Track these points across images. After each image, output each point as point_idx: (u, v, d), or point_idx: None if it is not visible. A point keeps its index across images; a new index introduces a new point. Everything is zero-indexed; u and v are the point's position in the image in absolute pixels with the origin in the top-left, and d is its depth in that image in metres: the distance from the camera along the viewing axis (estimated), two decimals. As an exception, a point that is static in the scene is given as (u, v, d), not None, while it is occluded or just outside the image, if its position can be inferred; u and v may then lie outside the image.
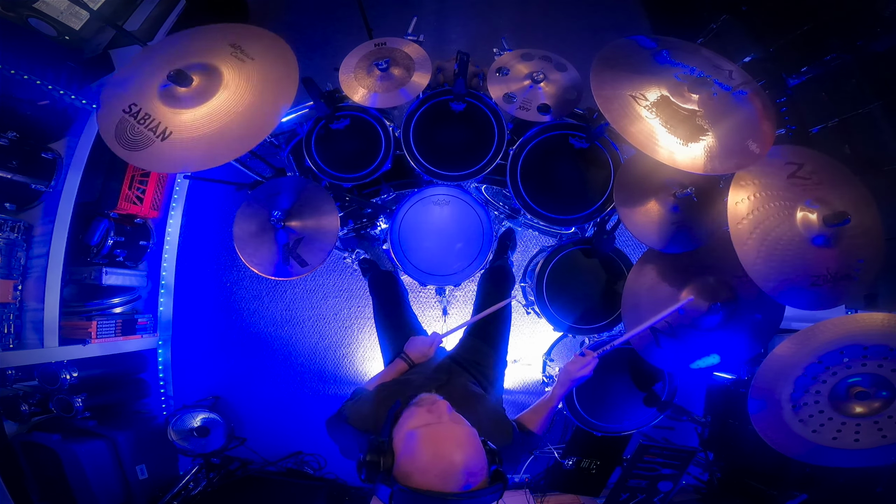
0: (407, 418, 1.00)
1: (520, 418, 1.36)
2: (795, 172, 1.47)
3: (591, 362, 1.37)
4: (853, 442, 1.48)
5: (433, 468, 0.88)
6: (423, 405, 1.03)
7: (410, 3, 3.15)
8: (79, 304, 2.67)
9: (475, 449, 0.93)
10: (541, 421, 1.33)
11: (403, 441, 0.94)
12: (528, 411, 1.37)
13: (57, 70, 2.33)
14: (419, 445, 0.91)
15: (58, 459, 2.33)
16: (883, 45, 1.85)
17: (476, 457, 0.92)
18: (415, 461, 0.90)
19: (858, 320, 1.46)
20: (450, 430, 0.95)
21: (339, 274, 3.00)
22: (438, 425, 0.96)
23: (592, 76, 1.42)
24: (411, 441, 0.93)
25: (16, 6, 2.05)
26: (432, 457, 0.89)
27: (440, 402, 1.03)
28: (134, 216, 2.86)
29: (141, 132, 1.36)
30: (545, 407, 1.35)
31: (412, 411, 1.02)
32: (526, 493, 2.65)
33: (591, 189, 1.83)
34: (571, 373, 1.36)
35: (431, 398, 1.05)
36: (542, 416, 1.34)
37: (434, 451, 0.90)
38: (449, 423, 0.97)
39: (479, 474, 0.90)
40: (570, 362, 1.39)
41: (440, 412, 0.99)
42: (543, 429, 1.34)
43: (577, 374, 1.36)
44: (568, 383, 1.37)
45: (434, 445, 0.91)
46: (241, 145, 1.36)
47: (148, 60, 1.50)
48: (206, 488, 2.72)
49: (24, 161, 2.35)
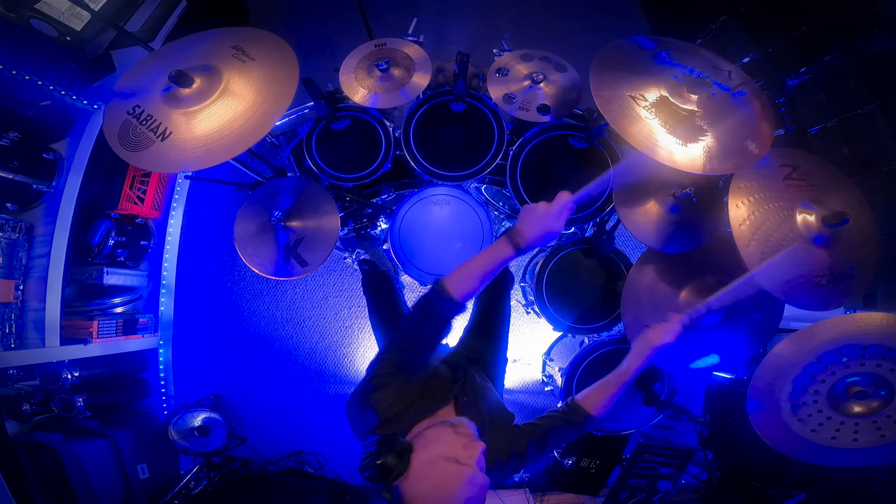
0: (438, 439, 0.95)
1: (582, 398, 1.20)
2: (790, 175, 1.47)
3: (675, 327, 1.21)
4: (852, 441, 1.49)
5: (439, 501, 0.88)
6: (462, 435, 0.97)
7: (411, 4, 3.16)
8: (80, 304, 2.68)
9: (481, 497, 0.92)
10: (606, 400, 1.17)
11: (425, 464, 0.91)
12: (594, 388, 1.20)
13: (58, 71, 2.33)
14: (438, 479, 0.89)
15: (59, 459, 2.34)
16: (881, 45, 1.86)
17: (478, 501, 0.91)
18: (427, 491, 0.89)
19: (857, 320, 1.47)
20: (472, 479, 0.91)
21: (340, 274, 3.01)
22: (467, 468, 0.91)
23: (592, 77, 1.43)
24: (432, 469, 0.90)
25: (17, 7, 2.06)
26: (443, 496, 0.88)
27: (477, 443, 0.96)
28: (135, 216, 2.87)
29: (142, 133, 1.37)
30: (615, 382, 1.18)
31: (446, 433, 0.96)
32: (526, 493, 2.66)
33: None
34: (652, 340, 1.19)
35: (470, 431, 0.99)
36: (611, 394, 1.17)
37: (448, 491, 0.88)
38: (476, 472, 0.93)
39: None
40: (651, 329, 1.21)
41: (473, 454, 0.94)
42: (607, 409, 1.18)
43: (658, 341, 1.19)
44: (647, 352, 1.18)
45: (451, 486, 0.89)
46: (239, 145, 1.36)
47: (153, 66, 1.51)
48: (206, 487, 2.73)
49: (26, 161, 2.35)
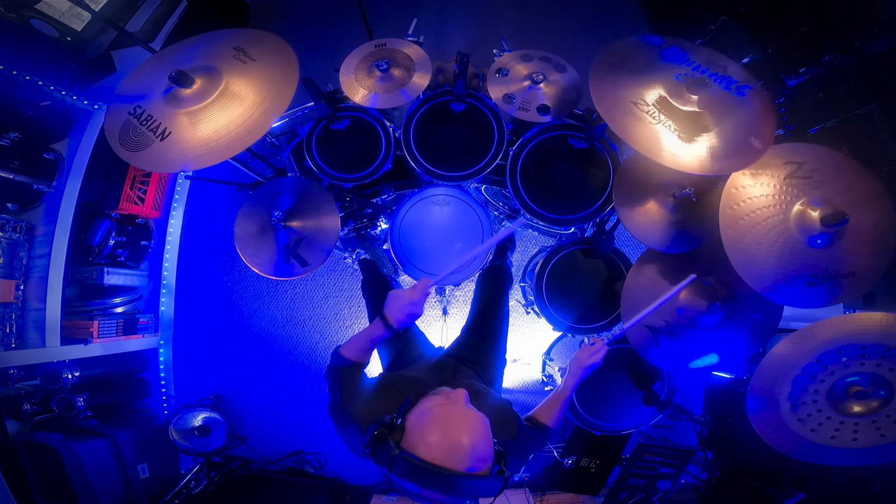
0: (424, 402, 1.00)
1: (534, 413, 1.34)
2: (794, 172, 1.47)
3: (601, 349, 1.36)
4: (851, 441, 1.49)
5: (441, 443, 0.88)
6: (441, 393, 1.03)
7: (411, 5, 3.16)
8: (80, 304, 2.68)
9: (485, 435, 0.93)
10: (555, 414, 1.32)
11: (416, 416, 0.95)
12: (543, 405, 1.36)
13: (59, 71, 2.33)
14: (431, 420, 0.92)
15: (60, 458, 2.34)
16: (880, 46, 1.86)
17: (485, 442, 0.92)
18: (424, 434, 0.90)
19: (857, 320, 1.47)
20: (463, 413, 0.95)
21: (340, 274, 3.01)
22: (454, 406, 0.96)
23: (592, 78, 1.43)
24: (424, 416, 0.94)
25: (18, 7, 2.06)
26: (442, 433, 0.90)
27: (460, 390, 1.02)
28: (135, 216, 2.87)
29: (142, 133, 1.38)
30: (558, 399, 1.33)
31: (430, 398, 1.02)
32: (526, 492, 2.66)
33: (591, 189, 1.84)
34: (582, 360, 1.35)
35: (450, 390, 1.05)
36: (557, 409, 1.32)
37: (445, 427, 0.90)
38: (464, 408, 0.97)
39: (485, 461, 0.91)
40: (581, 351, 1.38)
41: (458, 398, 0.99)
42: (558, 422, 1.33)
43: (587, 361, 1.34)
44: (580, 372, 1.35)
45: (445, 422, 0.91)
46: (238, 145, 1.37)
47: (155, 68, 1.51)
48: (207, 487, 2.73)
49: (26, 161, 2.35)
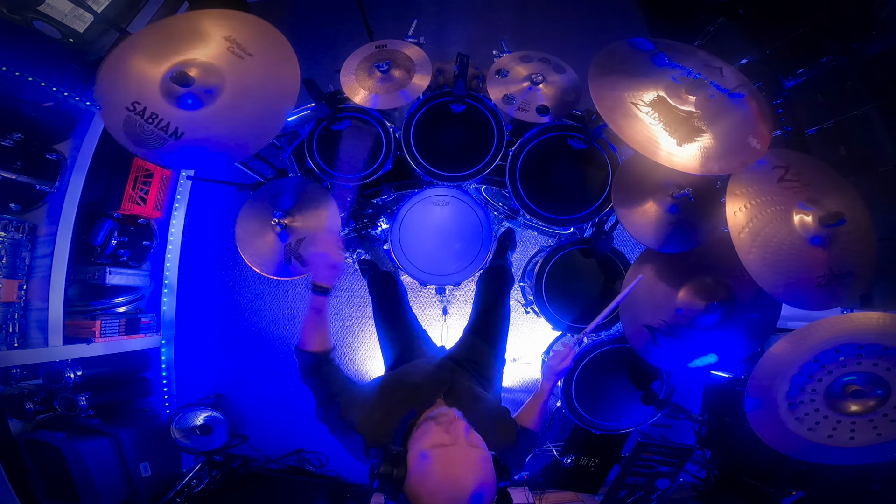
0: (423, 434, 0.98)
1: (516, 417, 1.34)
2: (784, 176, 1.48)
3: (569, 353, 1.38)
4: (849, 440, 1.50)
5: (443, 492, 0.88)
6: (441, 423, 1.00)
7: (411, 6, 3.17)
8: (83, 304, 2.69)
9: (487, 473, 0.92)
10: (536, 418, 1.33)
11: (416, 460, 0.93)
12: (522, 410, 1.37)
13: (61, 72, 2.34)
14: (432, 468, 0.90)
15: (62, 457, 2.35)
16: (878, 47, 1.87)
17: (487, 481, 0.91)
18: (425, 482, 0.89)
19: (854, 320, 1.48)
20: (464, 455, 0.93)
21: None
22: (454, 447, 0.94)
23: (591, 80, 1.44)
24: (424, 462, 0.92)
25: (20, 9, 2.07)
26: (444, 480, 0.89)
27: (458, 421, 1.00)
28: (137, 216, 2.88)
29: (151, 132, 1.38)
30: (537, 403, 1.35)
31: (429, 427, 1.00)
32: (525, 491, 2.67)
33: (590, 190, 1.85)
34: (553, 367, 1.37)
35: (450, 416, 1.02)
36: (537, 413, 1.33)
37: (446, 474, 0.89)
38: (465, 447, 0.95)
39: (488, 498, 0.90)
40: (551, 358, 1.39)
41: (457, 433, 0.97)
42: (540, 425, 1.34)
43: (558, 367, 1.36)
44: (552, 378, 1.37)
45: (447, 469, 0.90)
46: (252, 143, 1.39)
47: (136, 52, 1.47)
48: (208, 486, 2.74)
49: (29, 162, 2.36)
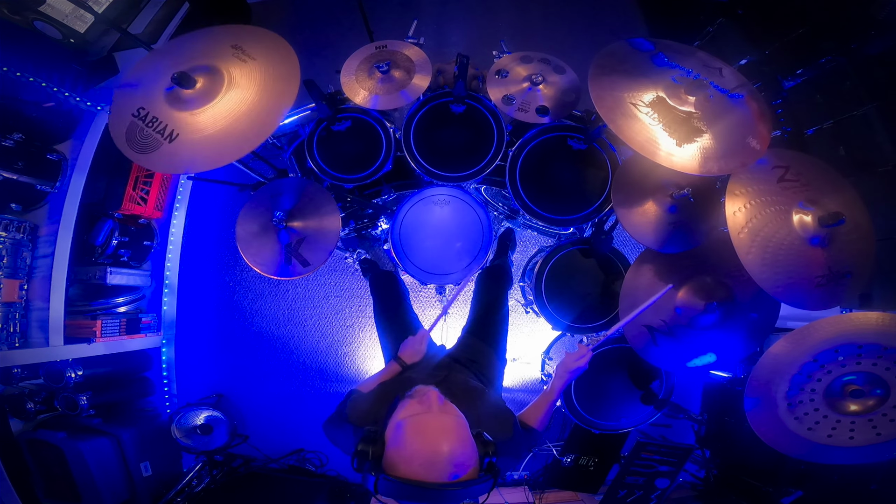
0: (399, 410, 1.01)
1: (521, 416, 1.35)
2: (784, 176, 1.48)
3: (586, 354, 1.39)
4: (848, 439, 1.50)
5: (417, 457, 0.88)
6: (416, 396, 1.03)
7: (411, 6, 3.17)
8: (83, 304, 2.70)
9: (462, 439, 0.93)
10: (541, 417, 1.34)
11: (392, 431, 0.95)
12: (529, 408, 1.38)
13: (62, 72, 2.35)
14: (405, 435, 0.92)
15: (63, 456, 2.36)
16: (876, 47, 1.87)
17: (463, 447, 0.91)
18: (400, 451, 0.90)
19: (853, 319, 1.48)
20: (437, 420, 0.95)
21: (341, 274, 3.03)
22: (426, 415, 0.96)
23: (591, 80, 1.44)
24: (398, 431, 0.93)
25: (21, 9, 2.07)
26: (417, 446, 0.89)
27: (431, 391, 1.03)
28: (138, 217, 2.89)
29: (149, 135, 1.39)
30: (545, 402, 1.36)
31: (405, 403, 1.02)
32: (525, 490, 2.67)
33: (590, 190, 1.85)
34: (568, 365, 1.38)
35: (424, 389, 1.05)
36: (543, 412, 1.34)
37: (419, 440, 0.90)
38: (437, 413, 0.97)
39: (467, 465, 0.90)
40: (568, 356, 1.41)
41: (430, 402, 0.99)
42: (544, 424, 1.34)
43: (573, 365, 1.37)
44: (566, 376, 1.38)
45: (419, 435, 0.91)
46: (246, 145, 1.38)
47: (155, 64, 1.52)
48: (209, 485, 2.75)
49: (30, 162, 2.37)
